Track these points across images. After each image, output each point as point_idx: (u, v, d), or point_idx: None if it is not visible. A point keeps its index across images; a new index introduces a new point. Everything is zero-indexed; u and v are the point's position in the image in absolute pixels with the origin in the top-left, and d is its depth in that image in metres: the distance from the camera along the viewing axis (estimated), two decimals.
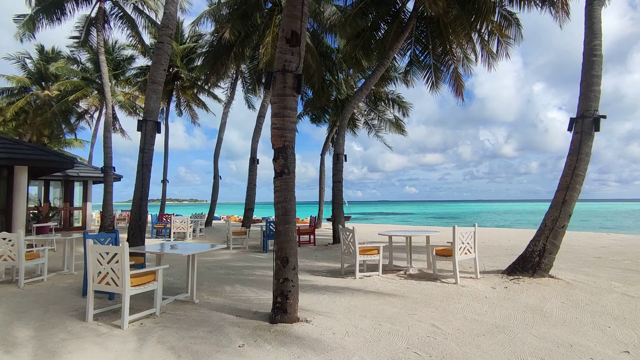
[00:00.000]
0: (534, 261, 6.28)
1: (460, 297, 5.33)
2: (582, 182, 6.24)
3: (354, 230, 6.79)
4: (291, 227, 4.36)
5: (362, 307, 4.85)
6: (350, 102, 12.10)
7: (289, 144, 4.42)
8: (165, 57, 7.20)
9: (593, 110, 6.14)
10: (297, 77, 4.39)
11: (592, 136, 6.20)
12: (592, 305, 4.96)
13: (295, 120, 4.49)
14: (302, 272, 7.28)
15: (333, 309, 4.77)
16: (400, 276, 6.84)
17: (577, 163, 6.18)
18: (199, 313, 4.65)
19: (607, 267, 7.61)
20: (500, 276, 6.54)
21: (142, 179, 7.09)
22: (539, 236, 6.40)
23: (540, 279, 6.18)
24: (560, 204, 6.27)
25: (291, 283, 4.23)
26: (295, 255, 4.34)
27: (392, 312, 4.63)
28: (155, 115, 7.22)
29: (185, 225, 13.24)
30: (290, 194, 4.41)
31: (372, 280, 6.52)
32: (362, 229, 20.42)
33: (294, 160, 4.48)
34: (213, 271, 7.45)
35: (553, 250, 6.26)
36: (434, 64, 14.21)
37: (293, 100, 4.42)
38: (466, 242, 6.38)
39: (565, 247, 10.85)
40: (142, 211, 7.11)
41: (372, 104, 20.41)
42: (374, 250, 6.88)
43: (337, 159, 11.58)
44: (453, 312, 4.65)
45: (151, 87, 7.14)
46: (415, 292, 5.62)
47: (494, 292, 5.63)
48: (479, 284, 6.13)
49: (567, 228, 6.33)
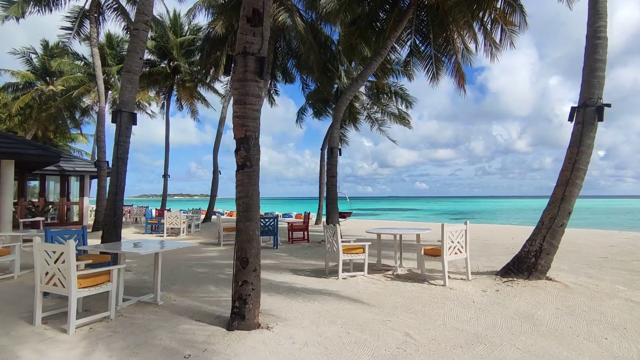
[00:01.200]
0: (529, 262, 5.81)
1: (446, 302, 4.91)
2: (584, 177, 5.73)
3: (338, 227, 6.39)
4: (253, 225, 3.99)
5: (334, 312, 4.46)
6: (345, 94, 11.66)
7: (251, 134, 4.03)
8: (141, 44, 6.86)
9: (596, 98, 5.61)
10: (259, 61, 3.99)
11: (595, 127, 5.67)
12: (590, 312, 4.50)
13: (259, 108, 4.10)
14: (285, 272, 6.93)
15: (303, 314, 4.40)
16: (387, 277, 6.43)
17: (578, 156, 5.67)
18: (157, 316, 4.33)
19: (614, 269, 7.09)
20: (494, 278, 6.09)
21: (117, 173, 6.79)
22: (536, 235, 5.92)
23: (536, 282, 5.71)
24: (559, 200, 5.78)
25: (251, 286, 3.86)
26: (256, 256, 3.97)
27: (366, 319, 4.24)
28: (131, 106, 6.90)
29: (178, 221, 12.99)
30: (252, 188, 4.03)
31: (355, 281, 6.13)
32: (364, 225, 20.00)
33: (257, 152, 4.10)
34: (192, 269, 7.14)
35: (551, 251, 5.78)
36: (434, 55, 13.67)
37: (255, 86, 4.03)
38: (456, 241, 5.94)
39: (571, 247, 10.30)
40: (117, 206, 6.81)
41: (374, 96, 19.90)
42: (359, 249, 6.48)
43: (331, 152, 11.17)
44: (433, 319, 4.24)
45: (126, 77, 6.81)
46: (397, 295, 5.21)
47: (484, 295, 5.19)
48: (469, 286, 5.69)
49: (566, 226, 5.84)
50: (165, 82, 23.96)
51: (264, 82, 15.67)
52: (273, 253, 9.30)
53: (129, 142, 6.93)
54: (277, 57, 17.11)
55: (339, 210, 23.27)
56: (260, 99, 4.10)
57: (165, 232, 12.97)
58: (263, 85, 4.13)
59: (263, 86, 4.13)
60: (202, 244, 11.28)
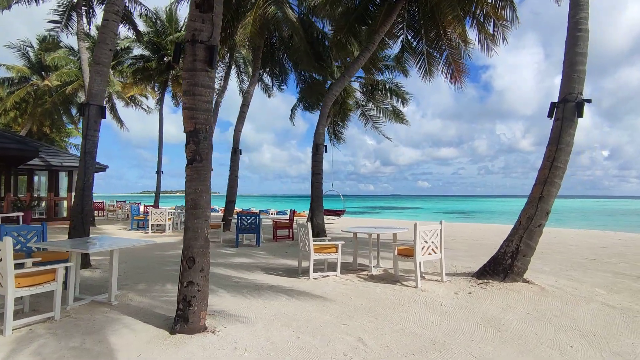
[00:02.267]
0: (505, 264, 5.59)
1: (412, 305, 4.70)
2: (562, 176, 5.49)
3: (308, 225, 6.19)
4: (201, 223, 3.78)
5: (292, 315, 4.26)
6: (331, 90, 11.41)
7: (201, 127, 3.82)
8: (111, 35, 6.64)
9: (576, 93, 5.36)
10: (209, 49, 3.78)
11: (575, 123, 5.42)
12: (562, 317, 4.28)
13: (210, 99, 3.89)
14: (258, 270, 6.73)
15: (258, 316, 4.20)
16: (361, 277, 6.22)
17: (557, 154, 5.43)
18: (105, 317, 4.14)
19: (598, 271, 6.86)
20: (469, 280, 5.86)
21: (85, 168, 6.61)
22: (513, 236, 5.69)
23: (511, 284, 5.49)
24: (537, 200, 5.54)
25: (196, 287, 3.66)
26: (204, 255, 3.76)
27: (322, 322, 4.04)
28: (99, 99, 6.70)
29: (163, 217, 12.81)
30: (202, 184, 3.83)
31: (326, 281, 5.92)
32: (359, 223, 19.77)
33: (208, 146, 3.89)
34: (162, 267, 6.96)
35: (527, 252, 5.55)
36: (426, 50, 13.39)
37: (206, 76, 3.81)
38: (430, 241, 5.72)
39: (559, 247, 10.07)
40: (85, 202, 6.63)
41: (368, 93, 19.63)
42: (332, 248, 6.27)
43: (316, 149, 10.94)
44: (393, 323, 4.03)
45: (95, 69, 6.61)
46: (364, 297, 5.00)
47: (454, 298, 4.97)
48: (441, 288, 5.48)
49: (544, 227, 5.60)
50: (160, 77, 23.76)
51: (218, 71, 15.21)
52: (252, 251, 9.11)
53: (97, 135, 6.74)
54: (273, 52, 16.90)
55: (332, 209, 23.12)
56: (212, 90, 3.88)
57: (150, 228, 12.80)
58: (214, 75, 3.91)
59: (214, 76, 3.91)
60: None
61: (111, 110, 30.55)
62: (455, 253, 8.83)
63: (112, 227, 14.56)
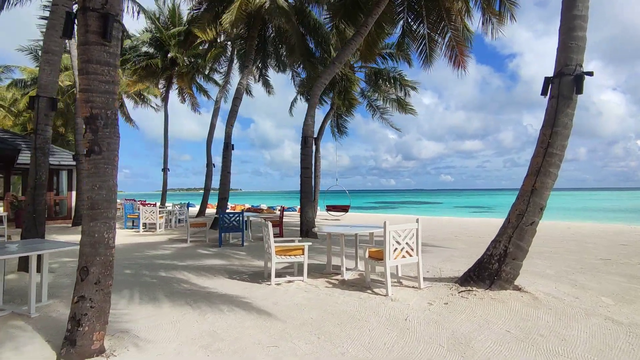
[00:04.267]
0: (491, 269, 4.77)
1: (372, 319, 3.98)
2: (559, 164, 4.62)
3: (269, 225, 5.54)
4: (99, 227, 3.18)
5: (221, 332, 3.62)
6: (320, 78, 10.67)
7: (99, 112, 3.22)
8: (61, 21, 6.17)
9: (574, 65, 4.46)
10: (103, 18, 3.15)
11: (573, 101, 4.53)
12: (550, 336, 3.48)
13: (112, 79, 3.27)
14: (220, 275, 6.12)
15: (180, 334, 3.59)
16: (331, 282, 5.53)
17: (552, 138, 4.55)
18: (6, 333, 3.61)
19: (611, 274, 5.94)
20: (451, 286, 5.07)
21: (36, 165, 6.18)
22: (500, 236, 4.86)
23: (498, 292, 4.67)
24: (529, 193, 4.69)
25: (89, 303, 3.07)
26: (102, 265, 3.17)
27: (251, 342, 3.38)
28: (50, 91, 6.25)
29: (154, 216, 12.44)
30: (102, 180, 3.22)
31: (286, 288, 5.26)
32: (367, 218, 18.97)
33: (111, 135, 3.28)
34: (123, 270, 6.44)
35: (518, 255, 4.71)
36: (427, 34, 12.47)
37: (101, 50, 3.20)
38: (404, 242, 4.96)
39: (574, 245, 9.06)
40: (37, 202, 6.20)
41: (373, 83, 18.75)
42: (298, 250, 5.60)
43: (304, 142, 10.23)
44: (335, 345, 3.34)
45: (44, 58, 6.16)
46: (319, 309, 4.31)
47: (426, 310, 4.22)
48: (415, 297, 4.72)
49: (537, 225, 4.75)
50: (164, 74, 23.56)
51: (222, 66, 14.22)
52: (233, 252, 8.54)
53: (49, 130, 6.30)
54: (267, 45, 16.28)
55: (338, 204, 22.40)
56: (111, 67, 3.27)
57: (141, 227, 12.46)
58: (115, 50, 3.28)
59: (115, 51, 3.28)
60: (172, 240, 10.67)
61: (120, 109, 30.74)
62: (452, 253, 8.01)
63: None
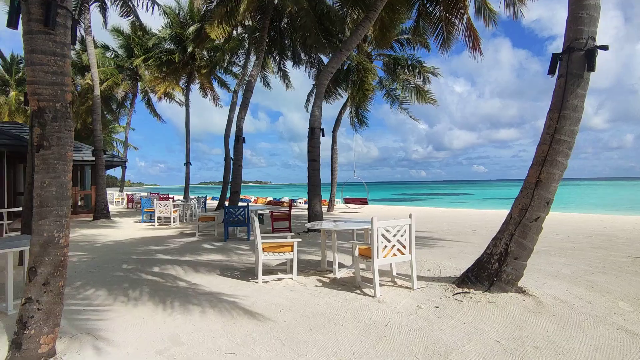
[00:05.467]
0: (491, 269, 4.32)
1: (349, 324, 3.67)
2: (568, 152, 4.08)
3: (255, 220, 5.30)
4: (48, 225, 3.04)
5: (183, 336, 3.43)
6: (326, 67, 10.28)
7: (47, 105, 3.06)
8: None
9: (585, 38, 3.89)
10: (45, 4, 2.98)
11: (585, 80, 3.97)
12: (546, 349, 3.05)
13: (60, 69, 3.10)
14: (213, 271, 5.98)
15: (141, 337, 3.42)
16: (320, 281, 5.25)
17: (560, 122, 4.02)
18: None
19: (638, 275, 5.31)
20: (447, 287, 4.66)
21: (32, 161, 6.24)
22: (502, 233, 4.38)
23: (497, 295, 4.23)
24: (533, 185, 4.18)
25: (36, 305, 2.94)
26: (51, 266, 3.03)
27: (209, 348, 3.17)
28: None
29: (168, 210, 12.58)
30: (51, 177, 3.07)
31: (273, 286, 5.03)
32: (387, 211, 18.47)
33: (61, 129, 3.12)
34: (120, 265, 6.42)
35: (520, 255, 4.23)
36: (444, 16, 11.77)
37: (46, 39, 3.03)
38: (395, 239, 4.59)
39: (602, 241, 8.31)
40: None
41: (391, 72, 18.10)
42: (287, 246, 5.34)
43: (311, 133, 9.92)
44: (299, 353, 3.07)
45: None
46: (297, 311, 4.05)
47: (413, 314, 3.86)
48: (405, 298, 4.36)
49: (543, 221, 4.24)
50: (184, 69, 23.84)
51: (240, 58, 14.02)
52: (237, 246, 8.42)
53: None
54: (282, 36, 16.02)
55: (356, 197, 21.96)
56: (59, 57, 3.09)
57: (156, 221, 12.65)
58: (63, 38, 3.11)
59: (63, 40, 3.11)
60: (182, 233, 10.72)
61: (147, 105, 31.55)
62: (462, 248, 7.50)
63: (126, 220, 14.70)
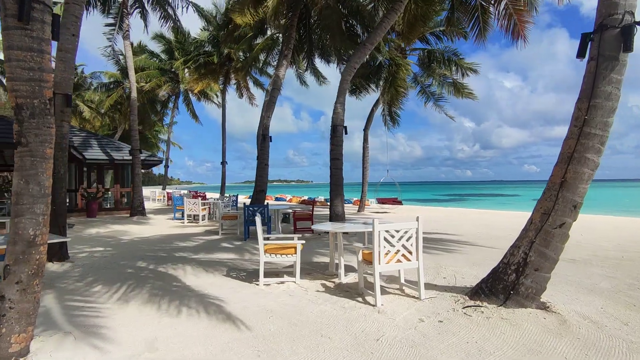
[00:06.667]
0: (507, 281, 3.81)
1: (337, 335, 3.36)
2: (601, 148, 3.48)
3: (257, 220, 5.10)
4: (24, 223, 3.01)
5: (160, 342, 3.29)
6: (349, 62, 9.91)
7: (24, 102, 3.03)
8: (72, 20, 6.31)
9: (621, 12, 3.30)
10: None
11: (620, 62, 3.36)
12: None
13: (36, 65, 3.06)
14: (219, 271, 5.87)
15: (118, 339, 3.33)
16: (324, 286, 4.96)
17: (590, 113, 3.45)
18: None
19: None
20: (458, 299, 4.19)
21: (54, 160, 6.42)
22: (520, 240, 3.86)
23: (513, 311, 3.72)
24: (557, 186, 3.63)
25: (8, 304, 2.91)
26: (25, 264, 2.99)
27: (179, 357, 3.00)
28: (65, 87, 6.45)
29: (197, 207, 12.81)
30: (28, 174, 3.04)
31: (274, 289, 4.81)
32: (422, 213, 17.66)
33: (39, 126, 3.08)
34: (133, 263, 6.51)
35: (542, 266, 3.69)
36: (480, 4, 11.01)
37: (22, 35, 2.99)
38: (399, 244, 4.21)
39: None
40: (57, 195, 6.46)
41: (426, 67, 17.33)
42: (290, 248, 5.10)
43: (333, 131, 9.62)
44: None
45: (59, 56, 6.37)
46: (286, 320, 3.79)
47: (411, 328, 3.48)
48: (409, 309, 3.97)
49: (570, 228, 3.67)
50: (221, 70, 24.37)
51: (273, 58, 13.96)
52: (253, 245, 8.30)
53: (65, 126, 6.52)
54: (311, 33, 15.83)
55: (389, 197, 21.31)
56: (36, 53, 3.05)
57: (185, 218, 12.93)
58: (40, 34, 3.07)
59: (40, 35, 3.07)
60: (208, 231, 10.83)
61: (187, 106, 32.69)
62: (490, 254, 6.88)
63: (160, 217, 15.18)
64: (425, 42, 16.82)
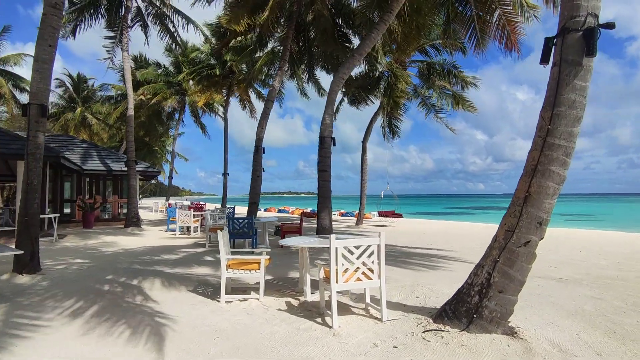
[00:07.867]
0: (470, 302, 3.52)
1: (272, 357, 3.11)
2: (566, 160, 3.21)
3: (219, 234, 4.89)
4: None
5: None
6: (337, 73, 9.78)
7: None
8: (49, 30, 6.31)
9: (584, 15, 3.06)
10: None
11: (584, 68, 3.11)
12: None
13: None
14: (188, 285, 5.65)
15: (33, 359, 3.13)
16: (289, 304, 4.70)
17: (553, 122, 3.19)
18: None
19: None
20: (421, 321, 3.90)
21: (28, 170, 6.38)
22: (485, 259, 3.57)
23: (475, 337, 3.41)
24: (521, 201, 3.36)
25: None
26: None
27: None
28: (41, 98, 6.40)
29: (189, 219, 12.68)
30: None
31: (234, 307, 4.57)
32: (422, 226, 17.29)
33: None
34: (101, 278, 6.34)
35: (506, 287, 3.39)
36: (476, 14, 10.83)
37: None
38: (359, 261, 3.95)
39: None
40: (29, 205, 6.38)
41: (425, 78, 17.15)
42: (253, 264, 4.88)
43: (321, 143, 9.43)
44: None
45: (35, 67, 6.35)
46: (233, 341, 3.55)
47: (361, 355, 3.21)
48: (367, 333, 3.69)
49: (536, 246, 3.38)
50: (224, 83, 24.55)
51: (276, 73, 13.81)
52: None
53: (40, 136, 6.45)
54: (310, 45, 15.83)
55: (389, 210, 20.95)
56: None
57: (177, 230, 12.81)
58: None
59: None
60: (196, 244, 10.66)
61: (195, 119, 33.01)
62: None
63: (154, 228, 15.09)
64: (425, 54, 16.67)
